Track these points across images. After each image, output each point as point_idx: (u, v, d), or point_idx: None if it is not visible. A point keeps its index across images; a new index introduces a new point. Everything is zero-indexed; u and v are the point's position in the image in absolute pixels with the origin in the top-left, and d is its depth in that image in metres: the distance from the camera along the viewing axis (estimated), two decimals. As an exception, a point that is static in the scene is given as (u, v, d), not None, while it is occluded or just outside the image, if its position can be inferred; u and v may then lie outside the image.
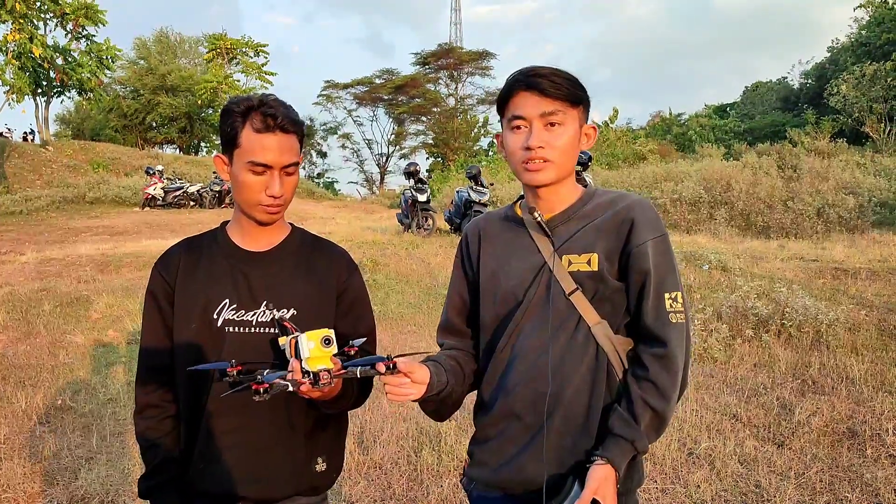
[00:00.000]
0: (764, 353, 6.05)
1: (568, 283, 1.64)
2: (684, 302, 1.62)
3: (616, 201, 1.69)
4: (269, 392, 1.43)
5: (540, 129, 1.63)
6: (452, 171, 33.86)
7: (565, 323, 1.63)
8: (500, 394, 1.71)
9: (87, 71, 30.11)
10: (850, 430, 4.46)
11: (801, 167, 17.69)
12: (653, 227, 1.63)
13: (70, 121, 49.32)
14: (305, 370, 1.47)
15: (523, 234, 1.75)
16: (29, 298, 8.59)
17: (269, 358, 1.69)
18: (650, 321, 1.60)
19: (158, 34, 48.51)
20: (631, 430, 1.55)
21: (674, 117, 45.56)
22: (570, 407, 1.62)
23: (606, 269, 1.62)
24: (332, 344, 1.47)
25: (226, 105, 1.70)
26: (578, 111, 1.66)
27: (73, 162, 30.04)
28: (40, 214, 21.42)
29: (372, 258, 10.28)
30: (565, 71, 1.66)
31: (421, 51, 51.37)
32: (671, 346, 1.57)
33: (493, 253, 1.79)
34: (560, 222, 1.70)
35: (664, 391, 1.56)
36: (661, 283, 1.60)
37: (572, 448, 1.61)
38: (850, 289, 7.91)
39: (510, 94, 1.67)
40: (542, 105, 1.62)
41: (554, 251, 1.67)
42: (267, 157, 1.64)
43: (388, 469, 4.14)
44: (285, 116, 1.65)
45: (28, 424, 4.96)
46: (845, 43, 40.39)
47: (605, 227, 1.65)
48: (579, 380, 1.62)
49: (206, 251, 1.80)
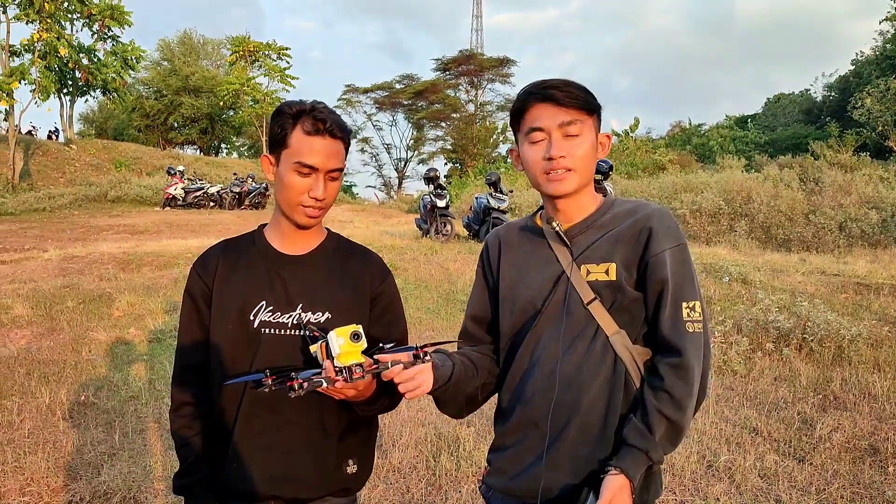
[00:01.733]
0: (785, 367, 6.01)
1: (586, 293, 1.65)
2: (703, 312, 1.62)
3: (635, 210, 1.70)
4: (303, 388, 1.46)
5: (560, 139, 1.64)
6: (471, 176, 33.89)
7: (583, 332, 1.64)
8: (517, 402, 1.73)
9: (111, 71, 30.43)
10: (871, 446, 4.42)
11: (823, 180, 17.54)
12: (671, 237, 1.63)
13: (94, 120, 49.90)
14: (338, 367, 1.49)
15: (542, 245, 1.76)
16: (52, 295, 8.70)
17: (301, 359, 1.72)
18: (667, 330, 1.60)
19: (182, 36, 49.04)
20: (645, 440, 1.55)
21: (694, 128, 45.35)
22: (587, 416, 1.62)
23: (624, 279, 1.63)
24: (362, 338, 1.50)
25: (278, 107, 1.75)
26: (593, 120, 1.68)
27: (95, 161, 30.40)
28: (63, 212, 21.68)
29: (391, 263, 10.31)
30: (576, 82, 1.68)
31: (441, 56, 51.66)
32: (686, 356, 1.56)
33: (512, 263, 1.81)
34: (579, 232, 1.71)
35: (680, 401, 1.55)
36: (679, 292, 1.61)
37: (588, 457, 1.61)
38: (873, 304, 7.84)
39: (525, 107, 1.68)
40: (559, 115, 1.63)
41: (572, 261, 1.68)
42: (314, 159, 1.68)
43: (407, 473, 4.16)
44: (334, 122, 1.69)
45: (52, 419, 5.02)
46: (870, 56, 40.05)
47: (623, 237, 1.66)
48: (596, 389, 1.62)
49: (244, 253, 1.83)
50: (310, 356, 1.69)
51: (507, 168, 33.09)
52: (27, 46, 26.81)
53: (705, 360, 1.61)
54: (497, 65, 50.64)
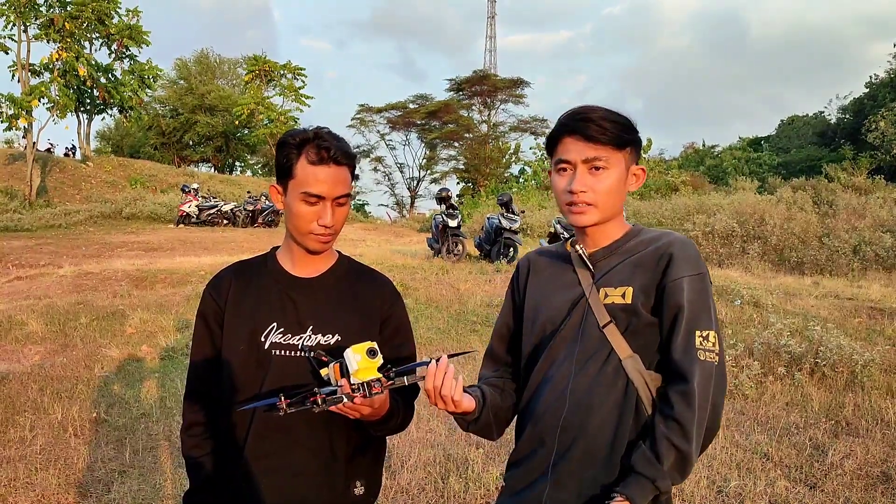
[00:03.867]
0: (796, 391, 5.96)
1: (602, 316, 1.66)
2: (719, 343, 1.61)
3: (658, 238, 1.72)
4: (325, 403, 1.49)
5: (583, 173, 1.67)
6: (483, 196, 33.95)
7: (597, 354, 1.65)
8: (529, 421, 1.76)
9: (128, 90, 30.83)
10: (884, 473, 4.38)
11: (837, 203, 17.47)
12: (691, 265, 1.64)
13: (110, 137, 50.45)
14: (356, 384, 1.51)
15: (568, 269, 1.79)
16: (66, 311, 8.77)
17: (312, 381, 1.73)
18: (677, 356, 1.60)
19: (199, 55, 49.60)
20: (653, 468, 1.54)
21: (707, 149, 45.32)
22: (594, 438, 1.63)
23: (641, 303, 1.64)
24: (378, 354, 1.53)
25: (282, 137, 1.78)
26: (625, 154, 1.70)
27: (111, 178, 30.72)
28: (78, 228, 21.90)
29: (401, 282, 10.34)
30: (616, 113, 1.69)
31: (455, 77, 51.76)
32: (693, 383, 1.55)
33: (538, 285, 1.85)
34: (602, 256, 1.74)
35: (687, 430, 1.54)
36: (694, 320, 1.60)
37: (593, 479, 1.62)
38: (887, 329, 7.77)
39: (558, 137, 1.71)
40: (585, 151, 1.66)
41: (593, 283, 1.71)
42: (320, 188, 1.71)
43: (415, 495, 4.15)
44: (338, 149, 1.72)
45: (63, 436, 5.05)
46: (884, 78, 39.96)
47: (643, 262, 1.68)
48: (606, 412, 1.63)
49: (256, 276, 1.86)
50: (319, 380, 1.71)
51: (518, 188, 33.15)
52: (46, 65, 27.23)
53: (718, 392, 1.59)
54: (510, 85, 50.82)
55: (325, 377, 1.65)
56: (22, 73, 26.70)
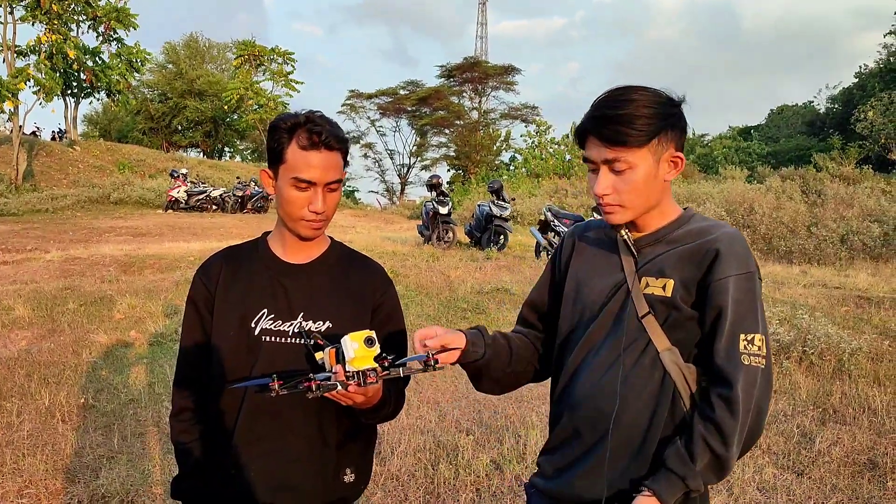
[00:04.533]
0: (784, 379, 6.00)
1: (641, 305, 1.61)
2: (766, 346, 1.55)
3: (707, 231, 1.64)
4: (320, 389, 1.47)
5: (605, 175, 1.60)
6: (473, 184, 33.92)
7: (634, 344, 1.61)
8: (565, 407, 1.72)
9: (116, 73, 30.52)
10: (871, 461, 4.42)
11: (825, 192, 17.56)
12: (739, 263, 1.56)
13: (97, 122, 50.03)
14: (350, 372, 1.50)
15: (613, 252, 1.73)
16: (54, 296, 8.71)
17: (301, 367, 1.72)
18: (720, 360, 1.53)
19: (188, 39, 49.17)
20: (685, 467, 1.51)
21: (697, 138, 45.39)
22: (628, 430, 1.60)
23: (681, 298, 1.58)
24: (375, 343, 1.51)
25: (273, 121, 1.75)
26: (651, 146, 1.59)
27: (99, 162, 30.48)
28: (66, 213, 21.73)
29: (392, 269, 10.32)
30: (649, 100, 1.59)
31: (446, 63, 51.58)
32: (737, 389, 1.50)
33: (582, 264, 1.80)
34: (648, 243, 1.68)
35: (727, 436, 1.49)
36: (739, 322, 1.54)
37: (623, 472, 1.59)
38: (874, 318, 7.83)
39: (584, 133, 1.64)
40: (603, 153, 1.58)
41: (635, 271, 1.66)
42: (311, 174, 1.68)
43: (405, 481, 4.15)
44: (330, 134, 1.68)
45: (51, 422, 5.02)
46: (874, 69, 40.10)
47: (687, 255, 1.61)
48: (641, 404, 1.59)
49: (247, 261, 1.84)
50: (312, 363, 1.69)
51: (509, 175, 33.13)
52: (33, 48, 26.93)
53: (763, 397, 1.54)
54: (501, 72, 50.66)
55: (320, 361, 1.63)
56: (8, 55, 26.39)
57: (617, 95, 1.60)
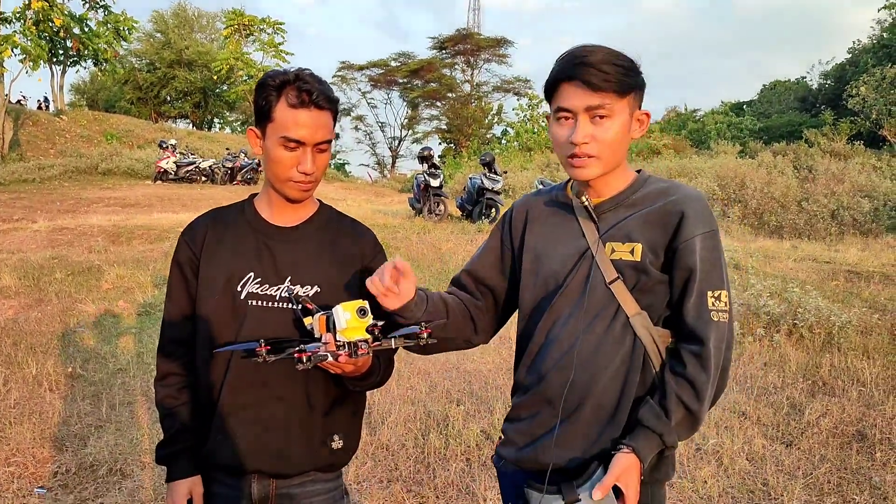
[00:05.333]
0: (774, 352, 6.02)
1: (609, 272, 1.60)
2: (729, 301, 1.58)
3: (667, 192, 1.64)
4: (310, 361, 1.44)
5: (585, 123, 1.56)
6: (465, 157, 33.75)
7: (603, 311, 1.60)
8: (533, 377, 1.71)
9: (103, 41, 30.04)
10: (859, 432, 4.44)
11: (816, 168, 17.54)
12: (703, 222, 1.58)
13: (85, 91, 49.39)
14: (341, 342, 1.46)
15: (570, 219, 1.71)
16: (41, 266, 8.63)
17: (288, 332, 1.68)
18: (691, 319, 1.56)
19: (176, 8, 48.36)
20: (661, 423, 1.53)
21: (689, 113, 45.28)
22: (601, 397, 1.59)
23: (650, 261, 1.58)
24: (368, 314, 1.47)
25: (261, 78, 1.69)
26: (629, 99, 1.58)
27: (86, 132, 30.11)
28: (53, 183, 21.50)
29: (383, 241, 10.21)
30: (619, 53, 1.57)
31: (438, 35, 51.09)
32: (709, 346, 1.53)
33: (538, 235, 1.76)
34: (608, 208, 1.66)
35: (699, 391, 1.53)
36: (706, 280, 1.56)
37: (598, 437, 1.59)
38: (864, 292, 7.86)
39: (556, 83, 1.60)
40: (587, 99, 1.54)
41: (598, 238, 1.64)
42: (300, 132, 1.62)
43: (395, 451, 4.15)
44: (320, 92, 1.63)
45: (38, 390, 4.99)
46: (866, 44, 39.97)
47: (652, 218, 1.60)
48: (613, 370, 1.59)
49: (233, 224, 1.79)
50: (301, 329, 1.65)
51: (501, 149, 33.00)
52: (18, 14, 26.45)
53: (727, 351, 1.58)
54: (494, 45, 50.20)
55: (309, 326, 1.60)
56: (-8, 23, 25.93)
57: (588, 48, 1.58)
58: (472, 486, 3.73)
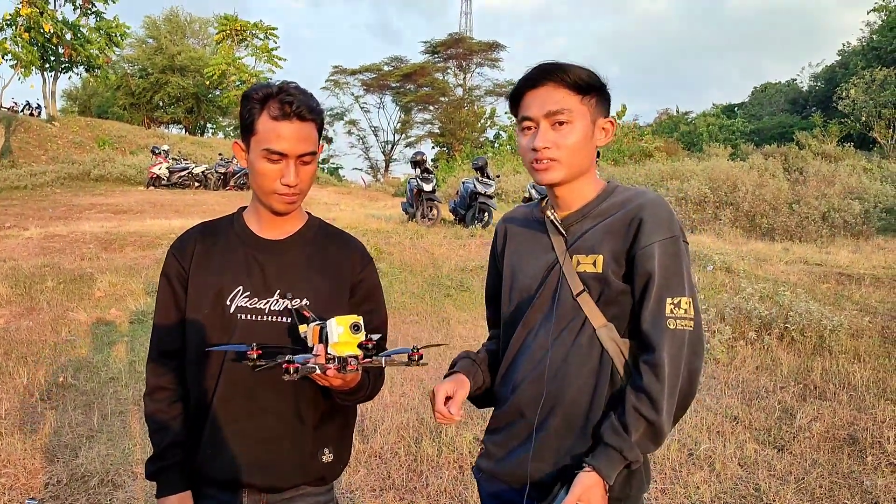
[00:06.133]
0: (766, 356, 6.04)
1: (576, 284, 1.62)
2: (693, 308, 1.56)
3: (630, 200, 1.65)
4: (298, 372, 1.44)
5: (546, 129, 1.61)
6: (458, 161, 33.75)
7: (571, 323, 1.62)
8: (508, 389, 1.73)
9: (95, 47, 29.98)
10: (850, 436, 4.46)
11: (807, 170, 17.63)
12: (663, 228, 1.57)
13: (77, 97, 49.23)
14: (332, 355, 1.47)
15: (543, 234, 1.75)
16: (32, 274, 8.59)
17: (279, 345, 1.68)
18: (647, 326, 1.55)
19: (169, 13, 48.29)
20: (620, 439, 1.52)
21: (681, 115, 45.45)
22: (571, 408, 1.61)
23: (612, 271, 1.59)
24: (361, 330, 1.47)
25: (245, 91, 1.69)
26: (589, 106, 1.63)
27: (78, 139, 29.99)
28: (45, 190, 21.41)
29: (376, 246, 10.27)
30: (575, 65, 1.62)
31: (430, 39, 51.19)
32: (661, 353, 1.51)
33: (514, 251, 1.81)
34: (574, 220, 1.69)
35: (656, 402, 1.51)
36: (665, 286, 1.55)
37: (570, 449, 1.60)
38: (854, 295, 7.90)
39: (519, 95, 1.66)
40: (547, 104, 1.60)
41: (566, 249, 1.66)
42: (282, 145, 1.62)
43: (388, 459, 4.15)
44: (302, 104, 1.63)
45: (29, 400, 4.97)
46: (856, 47, 40.23)
47: (613, 228, 1.62)
48: (582, 382, 1.60)
49: (222, 237, 1.79)
50: (294, 336, 1.66)
51: (494, 153, 33.02)
52: (9, 21, 26.36)
53: (693, 358, 1.55)
54: (486, 49, 50.33)
55: (303, 335, 1.60)
56: (-17, 30, 25.84)
57: (546, 62, 1.64)
58: (465, 493, 3.73)
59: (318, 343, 1.52)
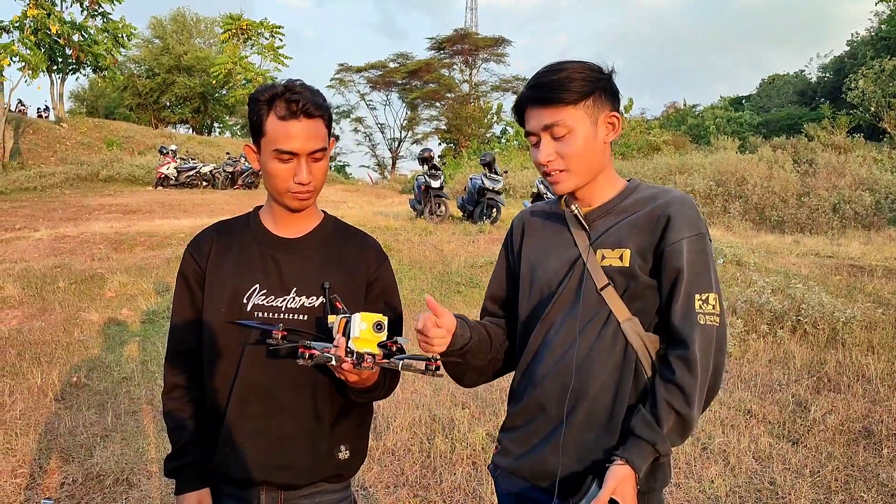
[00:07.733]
0: (779, 349, 6.01)
1: (600, 278, 1.63)
2: (720, 304, 1.58)
3: (655, 197, 1.66)
4: (312, 359, 1.45)
5: (547, 142, 1.63)
6: (465, 157, 33.73)
7: (595, 318, 1.62)
8: (528, 385, 1.73)
9: (102, 48, 30.02)
10: (865, 429, 4.44)
11: (816, 162, 17.54)
12: (690, 225, 1.59)
13: (85, 98, 49.41)
14: (350, 350, 1.47)
15: (563, 229, 1.75)
16: (44, 275, 8.63)
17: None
18: (677, 321, 1.57)
19: (175, 13, 48.40)
20: (653, 432, 1.53)
21: (688, 108, 45.23)
22: (595, 402, 1.61)
23: (639, 266, 1.60)
24: (384, 330, 1.48)
25: (252, 94, 1.70)
26: (587, 109, 1.62)
27: (86, 139, 30.11)
28: (54, 191, 21.51)
29: (384, 244, 10.27)
30: (572, 66, 1.62)
31: (436, 35, 51.15)
32: (693, 348, 1.53)
33: (533, 246, 1.80)
34: (598, 216, 1.69)
35: (689, 396, 1.52)
36: (693, 282, 1.57)
37: (593, 444, 1.60)
38: (867, 286, 7.85)
39: (522, 110, 1.69)
40: (543, 117, 1.62)
41: (589, 245, 1.67)
42: (292, 144, 1.63)
43: (401, 455, 4.15)
44: (309, 101, 1.63)
45: (43, 401, 4.99)
46: (865, 37, 39.88)
47: (640, 223, 1.63)
48: (605, 376, 1.60)
49: (238, 236, 1.80)
50: (322, 325, 1.67)
51: (501, 148, 32.99)
52: (16, 23, 26.44)
53: (719, 354, 1.57)
54: (492, 44, 50.18)
55: (330, 325, 1.61)
56: (-10, 32, 25.93)
57: (550, 67, 1.65)
58: (479, 489, 3.73)
59: (342, 335, 1.53)
